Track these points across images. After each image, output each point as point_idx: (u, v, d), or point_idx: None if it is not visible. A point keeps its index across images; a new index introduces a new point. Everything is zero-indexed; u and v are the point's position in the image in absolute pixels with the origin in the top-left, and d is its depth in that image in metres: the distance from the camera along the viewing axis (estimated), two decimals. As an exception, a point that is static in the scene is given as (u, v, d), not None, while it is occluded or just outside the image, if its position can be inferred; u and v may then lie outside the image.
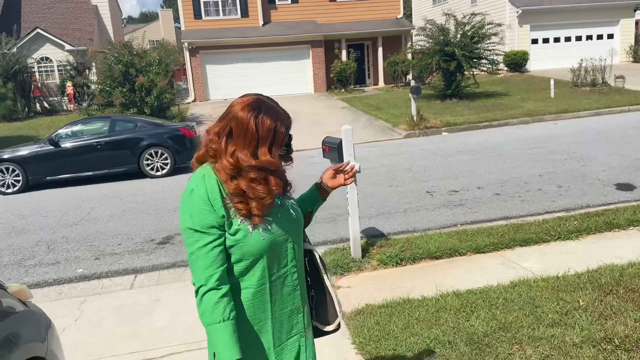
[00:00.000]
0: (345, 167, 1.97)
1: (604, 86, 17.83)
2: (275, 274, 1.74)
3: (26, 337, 2.09)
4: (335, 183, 1.97)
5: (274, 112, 1.72)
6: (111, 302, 4.70)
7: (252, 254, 1.68)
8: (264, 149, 1.68)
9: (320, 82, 23.59)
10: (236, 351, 1.60)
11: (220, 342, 1.60)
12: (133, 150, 10.74)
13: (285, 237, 1.75)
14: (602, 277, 3.93)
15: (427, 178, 8.44)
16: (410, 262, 4.87)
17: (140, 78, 16.20)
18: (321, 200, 2.01)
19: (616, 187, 7.03)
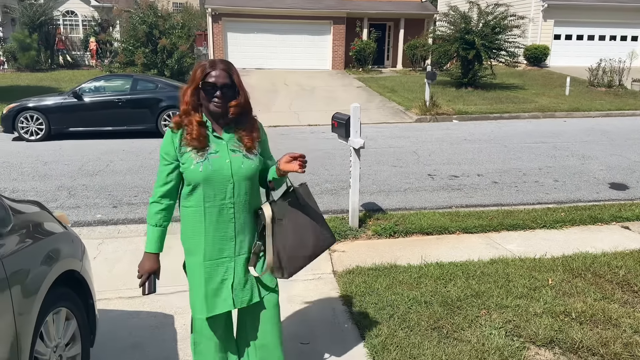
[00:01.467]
0: (298, 156, 2.26)
1: (619, 88, 17.89)
2: (211, 202, 2.28)
3: (65, 253, 2.51)
4: (287, 167, 2.27)
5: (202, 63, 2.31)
6: (127, 245, 5.16)
7: (192, 180, 2.26)
8: (187, 87, 2.30)
9: (338, 59, 23.74)
10: (154, 247, 2.36)
11: (148, 238, 2.36)
12: (152, 109, 11.15)
13: (224, 177, 2.26)
14: (575, 262, 4.30)
15: (430, 162, 8.79)
16: (402, 235, 5.27)
17: (162, 40, 16.53)
18: (278, 177, 2.38)
19: (610, 186, 7.34)
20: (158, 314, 3.60)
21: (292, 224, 2.41)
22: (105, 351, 3.09)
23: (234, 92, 2.27)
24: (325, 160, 8.88)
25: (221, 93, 2.23)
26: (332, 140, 10.60)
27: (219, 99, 2.23)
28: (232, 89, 2.26)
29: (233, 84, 2.26)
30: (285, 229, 2.41)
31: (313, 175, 7.80)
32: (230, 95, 2.26)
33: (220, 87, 2.22)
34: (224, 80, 2.23)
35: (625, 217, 5.68)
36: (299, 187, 2.51)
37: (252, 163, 2.31)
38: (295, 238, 2.41)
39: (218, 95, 2.22)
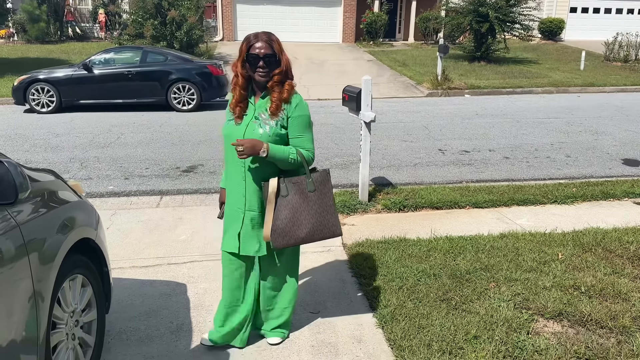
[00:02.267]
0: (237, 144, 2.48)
1: (636, 63, 17.56)
2: (230, 159, 2.60)
3: (80, 221, 2.55)
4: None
5: (247, 36, 2.56)
6: (139, 216, 5.22)
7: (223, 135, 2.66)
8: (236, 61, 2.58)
9: (349, 32, 23.43)
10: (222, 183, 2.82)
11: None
12: (162, 82, 11.13)
13: (238, 136, 2.54)
14: (585, 237, 4.29)
15: (441, 137, 8.73)
16: (412, 209, 5.27)
17: (172, 12, 16.37)
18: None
19: (623, 161, 7.27)
20: (171, 282, 3.66)
21: (295, 203, 2.54)
22: (120, 317, 3.17)
23: (277, 61, 2.50)
24: (335, 134, 8.85)
25: (264, 63, 2.46)
26: (341, 115, 10.56)
27: (262, 69, 2.47)
28: (274, 58, 2.48)
29: (274, 53, 2.48)
30: (287, 204, 2.54)
31: (323, 150, 7.79)
32: (274, 64, 2.49)
33: (263, 57, 2.45)
34: (266, 51, 2.46)
35: (637, 193, 5.63)
36: (317, 172, 2.61)
37: (264, 132, 2.49)
38: (293, 216, 2.55)
39: (261, 65, 2.46)
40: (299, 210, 2.54)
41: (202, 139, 8.57)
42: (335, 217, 2.62)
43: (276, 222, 2.53)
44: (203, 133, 9.06)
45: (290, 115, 2.53)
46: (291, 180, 2.56)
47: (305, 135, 2.58)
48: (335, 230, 2.61)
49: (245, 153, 2.44)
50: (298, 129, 2.55)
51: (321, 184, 2.58)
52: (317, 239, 2.60)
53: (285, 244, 2.55)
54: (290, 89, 2.54)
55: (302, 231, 2.54)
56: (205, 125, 9.74)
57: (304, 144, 2.57)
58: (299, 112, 2.54)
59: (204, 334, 2.91)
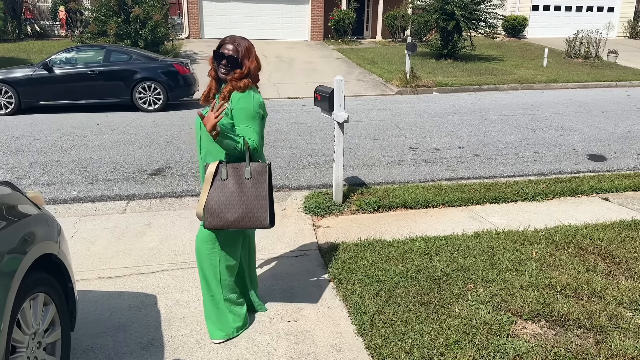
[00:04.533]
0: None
1: (596, 59, 18.04)
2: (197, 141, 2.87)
3: (41, 236, 2.39)
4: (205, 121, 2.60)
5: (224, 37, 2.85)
6: (104, 223, 5.01)
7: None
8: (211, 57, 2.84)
9: (317, 29, 23.35)
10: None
11: None
12: (126, 82, 10.81)
13: (198, 124, 2.80)
14: (557, 235, 4.33)
15: (412, 135, 8.75)
16: (386, 209, 5.24)
17: (135, 9, 15.95)
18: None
19: (588, 157, 7.42)
20: (140, 294, 3.51)
21: (230, 187, 2.69)
22: (87, 334, 3.01)
23: (239, 64, 2.73)
24: (306, 134, 8.76)
25: (227, 61, 2.71)
26: (312, 113, 10.47)
27: (224, 67, 2.73)
28: (236, 60, 2.72)
29: (238, 56, 2.73)
30: (223, 187, 2.69)
31: (295, 150, 7.69)
32: (235, 65, 2.72)
33: (227, 57, 2.71)
34: (231, 52, 2.72)
35: (604, 189, 5.74)
36: (256, 163, 2.74)
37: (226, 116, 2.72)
38: (226, 200, 2.69)
39: (224, 64, 2.73)
40: (232, 195, 2.68)
41: (170, 140, 8.35)
42: (265, 208, 2.70)
43: (210, 202, 2.67)
44: (170, 134, 8.83)
45: (234, 107, 2.71)
46: (232, 166, 2.71)
47: (249, 127, 2.71)
48: (262, 220, 2.70)
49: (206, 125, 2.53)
50: (240, 119, 2.70)
51: (258, 173, 2.72)
52: (244, 226, 2.70)
53: (215, 224, 2.68)
54: (244, 85, 2.73)
55: (231, 215, 2.67)
56: (173, 126, 9.51)
57: (247, 134, 2.69)
58: (242, 104, 2.70)
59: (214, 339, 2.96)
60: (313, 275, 3.77)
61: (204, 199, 2.68)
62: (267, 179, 2.73)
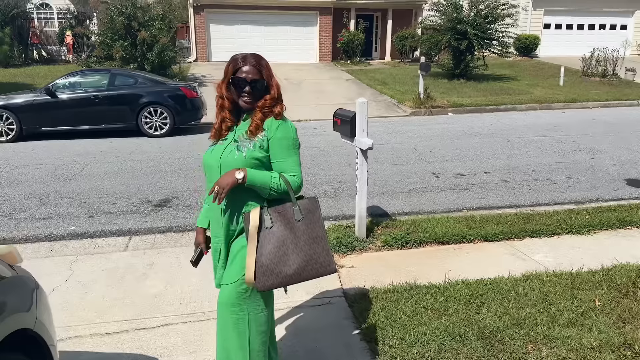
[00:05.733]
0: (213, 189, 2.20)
1: (613, 78, 17.55)
2: (210, 183, 2.29)
3: (13, 306, 1.89)
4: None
5: (233, 57, 2.31)
6: (104, 263, 4.52)
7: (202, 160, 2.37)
8: (221, 82, 2.33)
9: (326, 51, 23.09)
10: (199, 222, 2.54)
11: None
12: (132, 106, 10.43)
13: (214, 163, 2.28)
14: (618, 277, 3.78)
15: (432, 159, 8.24)
16: (415, 245, 4.70)
17: (142, 33, 15.72)
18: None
19: (627, 182, 6.87)
20: (139, 356, 2.99)
21: (281, 235, 2.20)
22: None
23: (265, 88, 2.27)
24: (320, 158, 8.27)
25: (250, 88, 2.23)
26: (325, 137, 10.02)
27: (248, 95, 2.24)
28: (262, 84, 2.26)
29: (263, 78, 2.25)
30: (272, 237, 2.20)
31: (309, 177, 7.20)
32: (261, 91, 2.26)
33: (250, 83, 2.23)
34: (254, 76, 2.23)
35: (656, 220, 5.18)
36: (304, 200, 2.28)
37: (239, 154, 2.22)
38: (279, 251, 2.19)
39: (247, 91, 2.23)
40: (285, 243, 2.20)
41: (176, 167, 7.89)
42: (327, 250, 2.23)
43: (260, 258, 2.17)
44: (177, 160, 8.38)
45: (272, 136, 2.25)
46: (275, 210, 2.23)
47: (290, 159, 2.29)
48: (327, 266, 2.22)
49: (223, 192, 2.15)
50: (280, 151, 2.27)
51: (309, 211, 2.25)
52: (307, 277, 2.21)
53: (271, 284, 2.17)
54: (279, 111, 2.30)
55: (289, 267, 2.18)
56: (180, 152, 9.07)
57: (288, 169, 2.27)
58: (282, 133, 2.26)
59: None
60: (341, 330, 3.23)
61: (253, 259, 2.16)
62: (320, 217, 2.27)
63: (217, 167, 2.27)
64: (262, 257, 2.18)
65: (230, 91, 2.28)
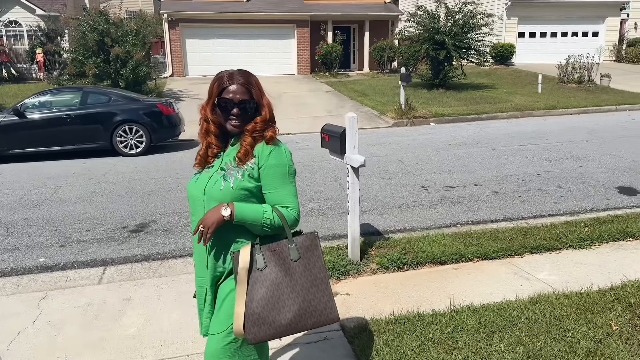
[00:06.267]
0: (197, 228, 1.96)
1: (590, 84, 17.71)
2: (194, 216, 2.03)
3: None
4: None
5: (219, 75, 2.03)
6: (76, 299, 4.14)
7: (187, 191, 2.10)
8: (206, 103, 2.05)
9: (304, 63, 22.91)
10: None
11: None
12: (106, 125, 10.02)
13: (198, 193, 2.01)
14: (630, 296, 3.56)
15: (420, 171, 8.02)
16: (412, 266, 4.43)
17: (115, 49, 15.28)
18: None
19: (618, 190, 6.73)
20: (116, 413, 2.63)
21: (274, 278, 1.93)
22: None
23: (256, 108, 2.01)
24: (305, 174, 7.98)
25: (239, 110, 1.98)
26: (308, 151, 9.75)
27: (236, 117, 1.98)
28: (252, 105, 2.00)
29: (253, 98, 1.99)
30: (264, 280, 1.92)
31: (294, 194, 6.89)
32: (251, 113, 2.00)
33: (238, 104, 1.97)
34: (243, 96, 1.97)
35: (657, 230, 5.01)
36: (301, 236, 2.00)
37: (226, 185, 1.96)
38: (272, 296, 1.92)
39: (235, 113, 1.98)
40: (280, 287, 1.93)
41: (154, 188, 7.51)
42: (329, 295, 1.97)
43: (251, 305, 1.90)
44: (154, 181, 8.00)
45: (263, 164, 1.98)
46: (269, 248, 1.96)
47: (284, 189, 2.01)
48: (329, 313, 1.96)
49: (208, 232, 1.90)
50: (273, 180, 1.99)
51: (307, 250, 1.98)
52: (305, 327, 1.94)
53: (264, 335, 1.90)
54: (271, 135, 2.02)
55: (284, 316, 1.91)
56: (157, 171, 8.68)
57: (282, 200, 2.00)
58: (275, 160, 1.99)
59: None
60: (342, 371, 2.92)
61: (242, 306, 1.90)
62: (320, 255, 2.00)
63: (201, 199, 2.01)
64: (252, 304, 1.90)
65: (216, 113, 2.02)
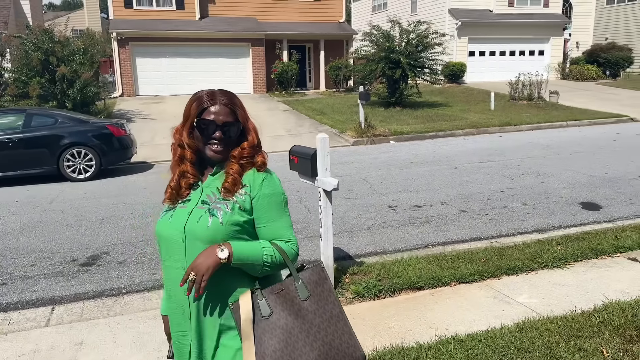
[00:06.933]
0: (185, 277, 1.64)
1: (540, 101, 18.32)
2: (169, 261, 1.73)
3: None
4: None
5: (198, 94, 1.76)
6: (20, 345, 3.68)
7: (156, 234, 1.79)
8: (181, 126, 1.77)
9: (260, 82, 22.68)
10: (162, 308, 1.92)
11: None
12: (52, 149, 9.41)
13: (175, 233, 1.70)
14: (615, 319, 3.46)
15: (385, 190, 7.88)
16: (389, 294, 4.22)
17: (61, 68, 14.60)
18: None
19: (582, 206, 6.79)
20: None
21: (284, 324, 1.64)
22: None
23: (241, 132, 1.75)
24: (267, 197, 7.68)
25: (222, 133, 1.71)
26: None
27: (218, 142, 1.71)
28: (236, 128, 1.73)
29: (237, 121, 1.73)
30: (273, 329, 1.63)
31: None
32: (234, 137, 1.73)
33: (222, 126, 1.70)
34: (226, 118, 1.71)
35: (626, 247, 5.01)
36: (307, 269, 1.72)
37: (214, 221, 1.66)
38: (285, 347, 1.61)
39: (217, 137, 1.71)
40: (293, 334, 1.65)
41: (105, 216, 7.02)
42: (350, 331, 1.70)
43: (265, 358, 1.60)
44: (106, 207, 7.49)
45: (257, 194, 1.72)
46: (272, 291, 1.68)
47: (281, 220, 1.76)
48: (354, 352, 1.67)
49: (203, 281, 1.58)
50: (269, 212, 1.74)
51: (317, 285, 1.71)
52: None
53: None
54: (262, 162, 1.77)
55: None
56: (108, 197, 8.16)
57: (280, 233, 1.74)
58: (270, 189, 1.74)
59: None
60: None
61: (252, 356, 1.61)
62: (331, 289, 1.73)
63: (180, 240, 1.69)
64: (266, 357, 1.61)
65: (194, 137, 1.74)
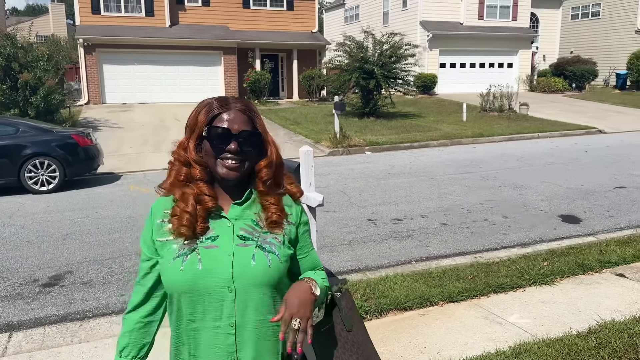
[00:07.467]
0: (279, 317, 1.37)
1: (510, 112, 18.55)
2: (198, 324, 1.38)
3: None
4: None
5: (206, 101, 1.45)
6: (-31, 381, 3.31)
7: (169, 287, 1.41)
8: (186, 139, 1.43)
9: (232, 91, 22.34)
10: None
11: None
12: (13, 159, 8.89)
13: (220, 283, 1.36)
14: (612, 341, 3.33)
15: (364, 203, 7.70)
16: (376, 315, 4.00)
17: (24, 74, 14.00)
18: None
19: (562, 219, 6.75)
20: None
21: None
22: None
23: (261, 144, 1.43)
24: (242, 210, 7.40)
25: (238, 145, 1.36)
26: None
27: (235, 156, 1.37)
28: (257, 139, 1.41)
29: (256, 131, 1.41)
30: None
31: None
32: (257, 150, 1.42)
33: (238, 136, 1.37)
34: (244, 127, 1.38)
35: (612, 262, 4.94)
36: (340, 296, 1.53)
37: (273, 259, 1.41)
38: None
39: (234, 150, 1.36)
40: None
41: (70, 231, 6.61)
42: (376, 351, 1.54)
43: None
44: (70, 222, 7.07)
45: (299, 222, 1.53)
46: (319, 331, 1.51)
47: (313, 249, 1.61)
48: None
49: (309, 325, 1.35)
50: (308, 241, 1.57)
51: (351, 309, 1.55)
52: None
53: None
54: (298, 188, 1.55)
55: None
56: (73, 211, 7.73)
57: (317, 262, 1.59)
58: (305, 216, 1.57)
59: None
60: None
61: None
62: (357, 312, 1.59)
63: (226, 290, 1.37)
64: None
65: (201, 152, 1.41)
